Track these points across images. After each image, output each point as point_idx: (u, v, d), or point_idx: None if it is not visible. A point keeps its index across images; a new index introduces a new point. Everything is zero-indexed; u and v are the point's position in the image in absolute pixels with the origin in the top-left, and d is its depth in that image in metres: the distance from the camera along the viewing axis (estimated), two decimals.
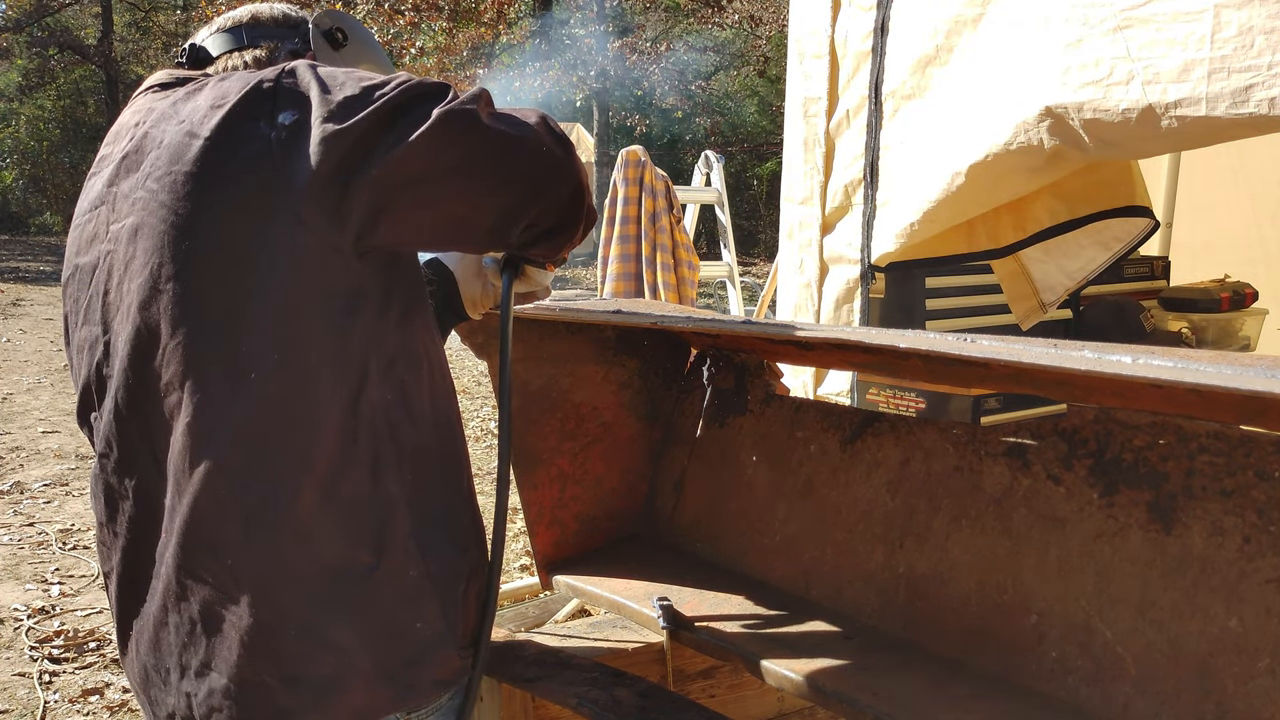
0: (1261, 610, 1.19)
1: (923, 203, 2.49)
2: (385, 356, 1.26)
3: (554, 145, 1.24)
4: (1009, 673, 1.41)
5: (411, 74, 1.24)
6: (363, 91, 1.17)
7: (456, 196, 1.21)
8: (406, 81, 1.18)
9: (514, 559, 4.71)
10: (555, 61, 18.80)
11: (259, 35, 1.46)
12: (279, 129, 1.16)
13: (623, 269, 4.61)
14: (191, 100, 1.24)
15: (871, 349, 1.58)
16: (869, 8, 2.64)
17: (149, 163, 1.23)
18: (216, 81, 1.25)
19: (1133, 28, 1.95)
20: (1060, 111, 2.09)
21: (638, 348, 2.07)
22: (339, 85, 1.18)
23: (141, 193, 1.23)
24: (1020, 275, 3.04)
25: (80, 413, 1.36)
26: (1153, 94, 1.93)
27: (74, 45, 25.19)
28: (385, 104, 1.15)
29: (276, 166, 1.15)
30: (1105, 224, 2.85)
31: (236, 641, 1.21)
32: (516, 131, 1.20)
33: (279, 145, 1.16)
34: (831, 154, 2.83)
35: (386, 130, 1.15)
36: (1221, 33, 1.82)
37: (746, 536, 1.87)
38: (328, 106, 1.15)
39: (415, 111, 1.15)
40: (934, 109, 2.49)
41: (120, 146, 1.30)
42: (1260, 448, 1.22)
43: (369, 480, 1.24)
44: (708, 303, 10.16)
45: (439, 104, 1.16)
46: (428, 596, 1.28)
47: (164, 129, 1.23)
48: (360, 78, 1.20)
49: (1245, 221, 4.36)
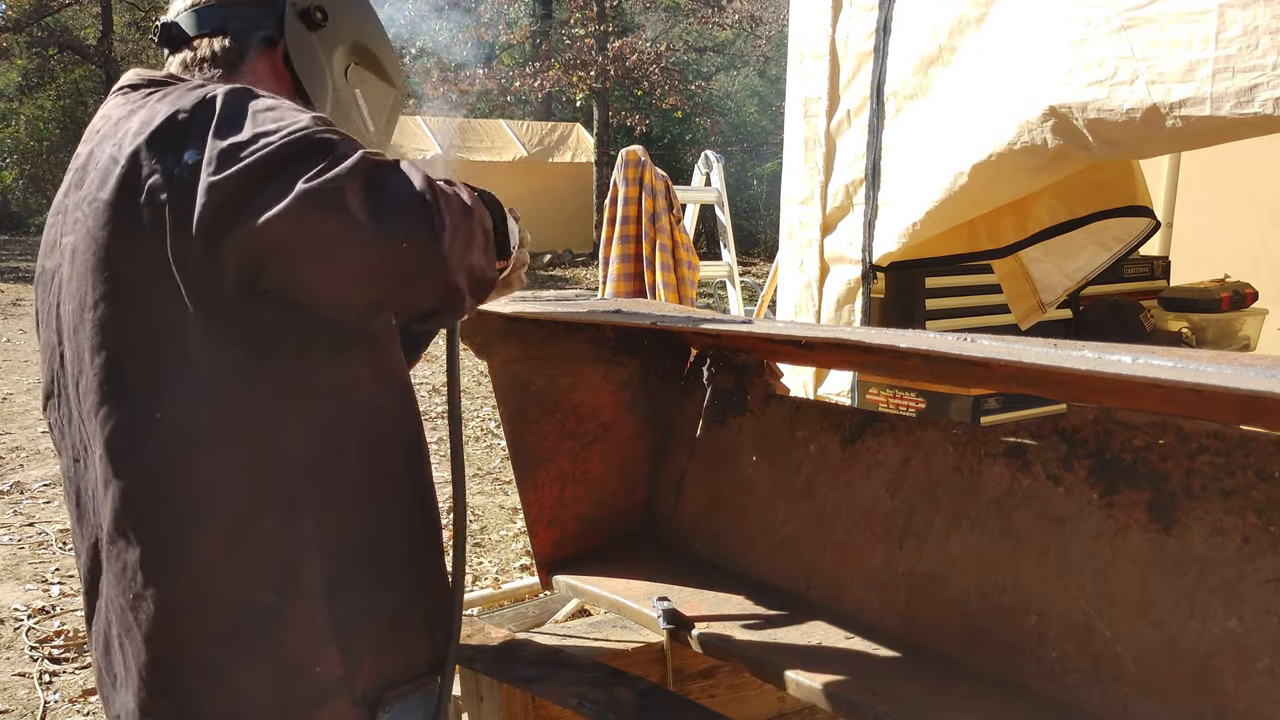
0: (1261, 610, 1.19)
1: (925, 202, 2.49)
2: (308, 395, 1.22)
3: (424, 231, 1.11)
4: (1009, 673, 1.41)
5: (320, 118, 1.16)
6: (249, 140, 1.11)
7: (318, 278, 1.13)
8: (292, 133, 1.11)
9: (514, 559, 4.71)
10: (555, 61, 18.78)
11: (228, 16, 1.40)
12: (182, 167, 1.13)
13: (623, 269, 4.61)
14: (136, 115, 1.22)
15: (871, 349, 1.58)
16: (871, 7, 2.63)
17: (89, 182, 1.22)
18: (159, 98, 1.22)
19: (1137, 28, 1.95)
20: (1064, 111, 2.09)
21: (638, 348, 2.06)
22: (234, 128, 1.13)
23: (79, 214, 1.22)
24: (1020, 275, 3.04)
25: (44, 407, 1.38)
26: (1157, 94, 1.93)
27: (74, 45, 25.15)
28: (260, 159, 1.09)
29: (173, 207, 1.12)
30: (1105, 224, 2.85)
31: (137, 674, 1.23)
32: (380, 221, 1.09)
33: (178, 184, 1.12)
34: (832, 154, 2.83)
35: (259, 189, 1.08)
36: (1226, 32, 1.82)
37: (746, 536, 1.87)
38: (214, 150, 1.11)
39: (286, 174, 1.08)
40: (937, 109, 2.49)
41: (80, 153, 1.29)
42: (1260, 448, 1.22)
43: (282, 522, 1.21)
44: (708, 303, 10.15)
45: (309, 171, 1.07)
46: (329, 642, 1.24)
47: (104, 147, 1.22)
48: (260, 120, 1.13)
49: (1245, 221, 4.35)
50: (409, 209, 1.11)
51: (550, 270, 17.36)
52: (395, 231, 1.09)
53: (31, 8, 23.09)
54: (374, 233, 1.08)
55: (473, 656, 1.84)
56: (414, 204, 1.11)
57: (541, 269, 17.38)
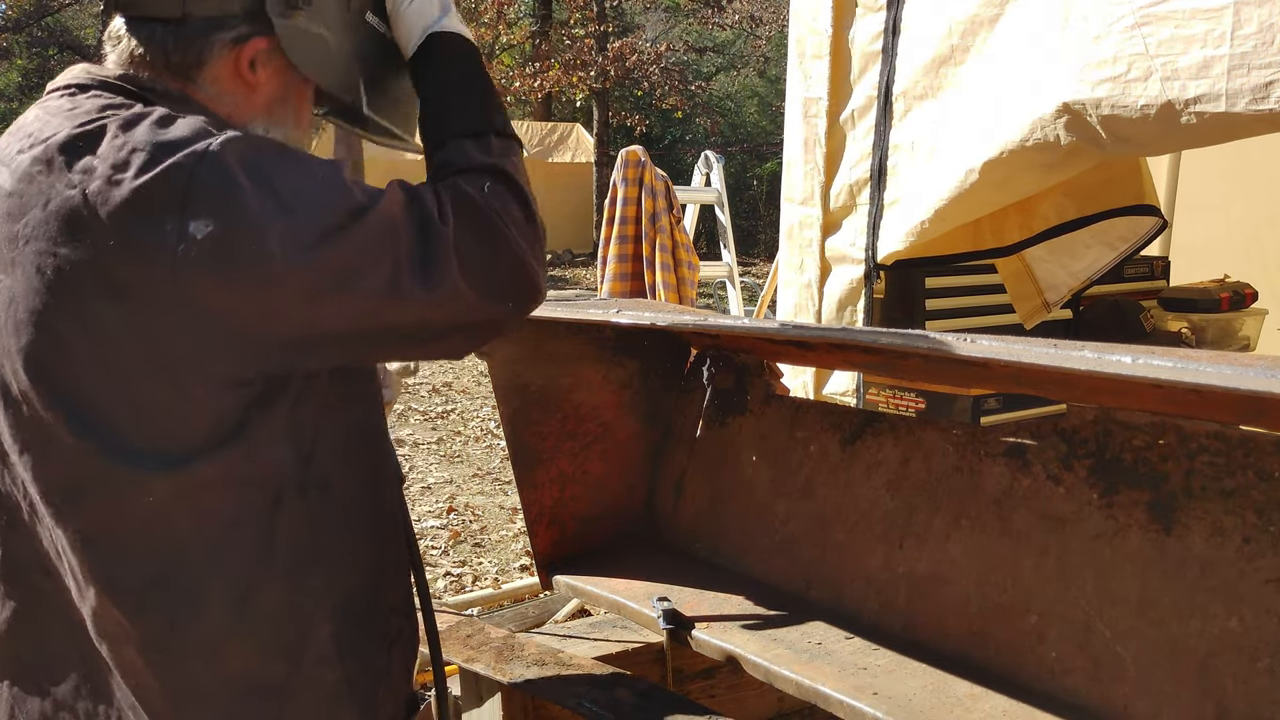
0: (1261, 610, 1.19)
1: (934, 200, 2.49)
2: (301, 456, 1.16)
3: (524, 288, 1.23)
4: (1009, 673, 1.41)
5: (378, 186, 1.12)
6: (320, 219, 1.05)
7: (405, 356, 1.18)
8: (371, 217, 1.07)
9: (514, 559, 4.71)
10: (555, 61, 18.78)
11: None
12: (189, 241, 1.00)
13: (622, 269, 4.61)
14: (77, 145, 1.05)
15: (871, 349, 1.58)
16: (879, 8, 2.63)
17: (26, 221, 1.06)
18: (112, 131, 1.05)
19: (1151, 24, 1.96)
20: (1078, 108, 2.09)
21: (638, 348, 2.06)
22: (280, 205, 1.03)
23: (17, 251, 1.06)
24: (1024, 275, 3.04)
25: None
26: (1171, 90, 1.93)
27: (74, 45, 25.16)
28: (347, 250, 1.06)
29: (176, 281, 1.01)
30: (1110, 223, 2.85)
31: None
32: (482, 290, 1.17)
33: (184, 261, 1.00)
34: (832, 154, 2.83)
35: (347, 281, 1.06)
36: (1242, 29, 1.82)
37: (746, 536, 1.87)
38: (278, 239, 1.02)
39: (385, 263, 1.08)
40: (948, 108, 2.49)
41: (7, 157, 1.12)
42: (1260, 448, 1.22)
43: (287, 588, 1.16)
44: (708, 303, 10.16)
45: (410, 263, 1.09)
46: (344, 705, 1.20)
47: (38, 184, 1.05)
48: (306, 192, 1.06)
49: (1245, 221, 4.35)
50: (502, 275, 1.19)
51: (550, 270, 17.36)
52: (501, 299, 1.20)
53: (31, 8, 23.08)
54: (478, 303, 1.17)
55: (473, 656, 1.84)
56: (506, 268, 1.19)
57: None
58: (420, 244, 1.11)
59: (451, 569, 4.55)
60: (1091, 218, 2.76)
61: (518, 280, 1.20)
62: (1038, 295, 3.04)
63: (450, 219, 1.14)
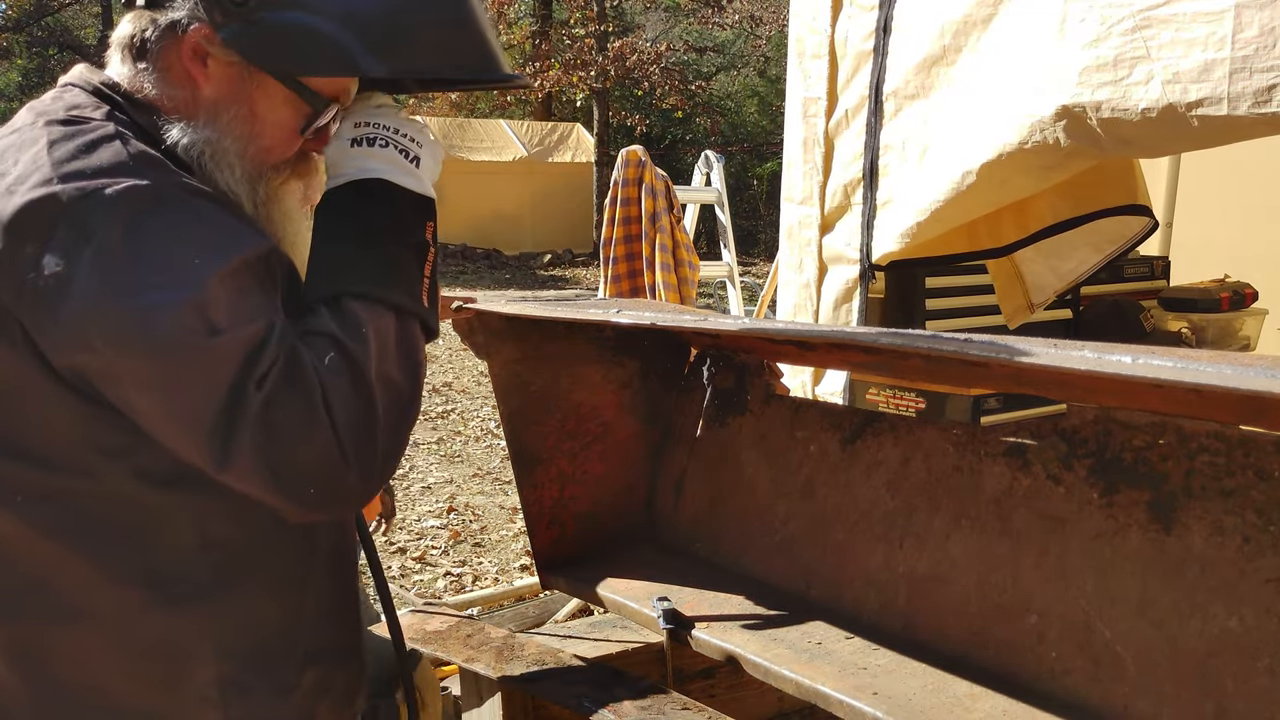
0: (1261, 610, 1.19)
1: (929, 202, 2.49)
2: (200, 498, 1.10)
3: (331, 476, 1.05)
4: (1009, 673, 1.41)
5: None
6: (151, 323, 0.98)
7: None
8: (207, 345, 0.99)
9: (514, 559, 4.71)
10: (555, 61, 18.78)
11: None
12: (38, 271, 0.98)
13: (623, 269, 4.61)
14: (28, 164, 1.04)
15: (871, 349, 1.58)
16: (871, 7, 2.64)
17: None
18: (45, 141, 1.04)
19: (1152, 27, 1.96)
20: (1078, 111, 2.09)
21: (638, 348, 2.06)
22: (122, 287, 0.98)
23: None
24: (1012, 274, 3.05)
25: None
26: (1173, 93, 1.93)
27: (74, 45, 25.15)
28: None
29: (24, 312, 1.00)
30: (1100, 226, 2.85)
31: None
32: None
33: (27, 288, 0.99)
34: (831, 154, 2.83)
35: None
36: (1244, 33, 1.82)
37: (746, 536, 1.87)
38: (101, 316, 0.98)
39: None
40: (940, 108, 2.49)
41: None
42: (1260, 448, 1.22)
43: (166, 619, 1.10)
44: (708, 303, 10.15)
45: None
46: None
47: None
48: (158, 288, 0.98)
49: (1245, 221, 4.35)
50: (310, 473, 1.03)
51: (550, 270, 17.37)
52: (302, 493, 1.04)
53: (31, 8, 23.08)
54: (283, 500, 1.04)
55: (472, 656, 1.84)
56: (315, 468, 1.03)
57: (541, 269, 17.39)
58: (229, 399, 1.00)
59: (451, 569, 4.55)
60: (1085, 217, 2.76)
61: (319, 477, 1.04)
62: (1023, 296, 3.05)
63: (267, 385, 1.01)
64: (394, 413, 1.09)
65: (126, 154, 1.04)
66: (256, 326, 1.02)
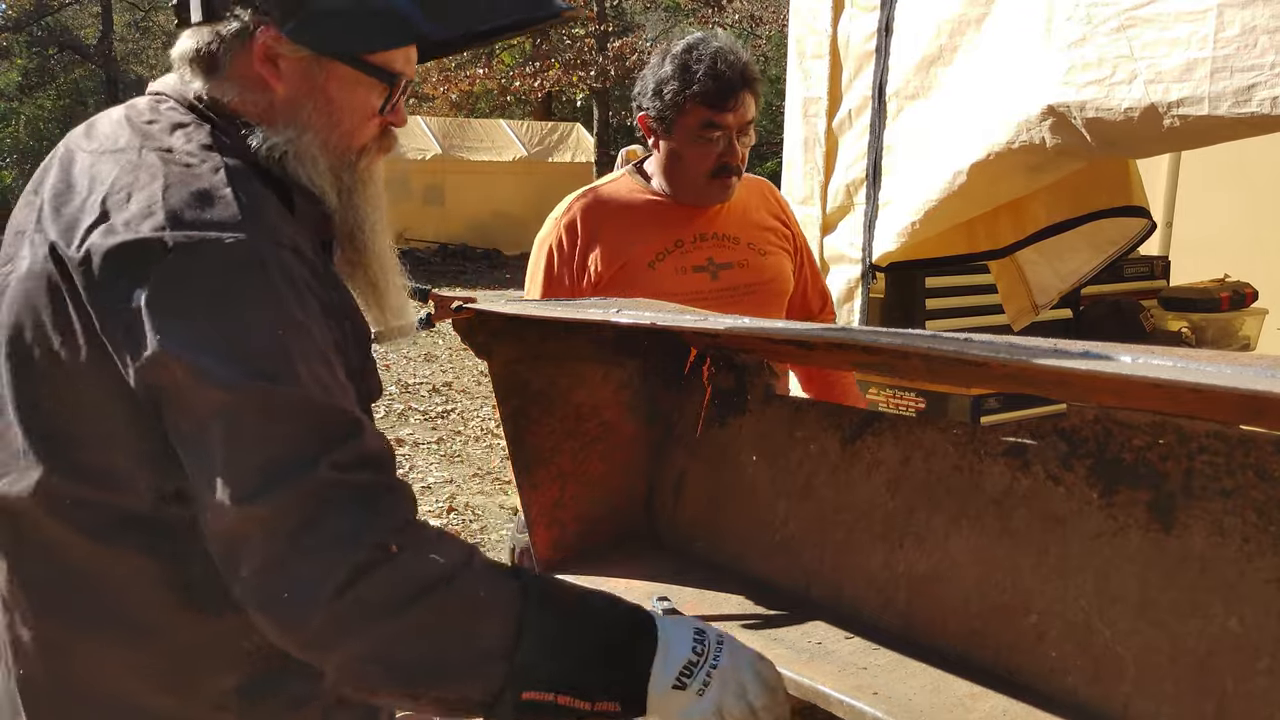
0: (1261, 610, 1.19)
1: (924, 202, 2.50)
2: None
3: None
4: (1009, 672, 1.41)
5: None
6: (250, 363, 1.01)
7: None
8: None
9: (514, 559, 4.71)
10: (555, 61, 18.78)
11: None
12: (126, 305, 1.01)
13: None
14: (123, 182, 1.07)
15: (871, 349, 1.58)
16: (872, 8, 2.64)
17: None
18: (162, 177, 1.06)
19: (1136, 27, 1.96)
20: (1063, 110, 2.09)
21: (638, 348, 2.06)
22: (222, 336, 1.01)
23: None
24: (1016, 276, 3.05)
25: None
26: (1155, 93, 1.93)
27: (74, 45, 25.18)
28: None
29: (110, 336, 1.04)
30: (1100, 226, 2.86)
31: None
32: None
33: (115, 319, 1.03)
34: (832, 154, 2.83)
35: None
36: (1225, 32, 1.82)
37: (746, 536, 1.87)
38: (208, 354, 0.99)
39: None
40: (937, 108, 2.49)
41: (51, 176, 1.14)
42: (1260, 448, 1.22)
43: (195, 628, 1.12)
44: None
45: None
46: None
47: (73, 201, 1.08)
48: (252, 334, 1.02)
49: (1245, 221, 4.35)
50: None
51: None
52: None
53: (31, 8, 23.09)
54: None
55: None
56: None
57: None
58: (294, 458, 1.00)
59: None
60: (1081, 218, 2.77)
61: (290, 594, 1.01)
62: (1027, 297, 3.05)
63: (339, 476, 1.01)
64: (376, 628, 1.03)
65: (237, 207, 1.05)
66: (343, 408, 1.05)
